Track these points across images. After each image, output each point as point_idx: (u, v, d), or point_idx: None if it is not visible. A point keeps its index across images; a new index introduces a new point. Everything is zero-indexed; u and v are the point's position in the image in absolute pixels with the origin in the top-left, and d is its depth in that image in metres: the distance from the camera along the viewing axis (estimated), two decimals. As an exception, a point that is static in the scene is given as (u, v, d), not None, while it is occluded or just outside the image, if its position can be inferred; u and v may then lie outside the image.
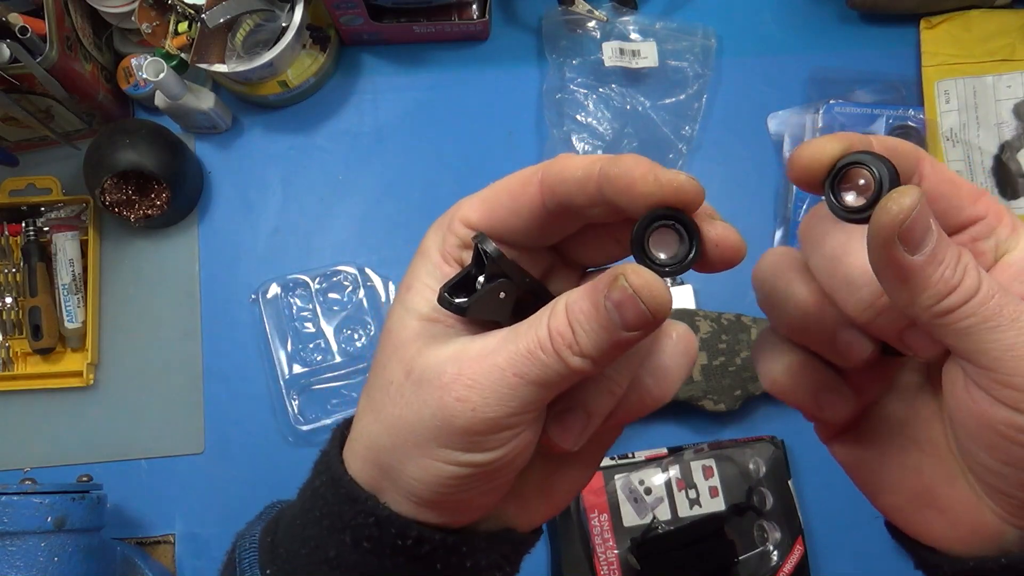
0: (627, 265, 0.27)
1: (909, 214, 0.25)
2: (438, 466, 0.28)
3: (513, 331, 0.28)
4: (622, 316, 0.26)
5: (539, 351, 0.27)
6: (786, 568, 0.75)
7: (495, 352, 0.27)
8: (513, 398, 0.27)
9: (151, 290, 0.87)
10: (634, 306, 0.26)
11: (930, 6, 0.87)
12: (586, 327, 0.27)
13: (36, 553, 0.68)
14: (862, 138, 0.27)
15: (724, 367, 0.78)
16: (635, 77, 0.88)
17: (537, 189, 0.29)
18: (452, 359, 0.28)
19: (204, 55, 0.81)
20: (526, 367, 0.27)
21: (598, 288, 0.27)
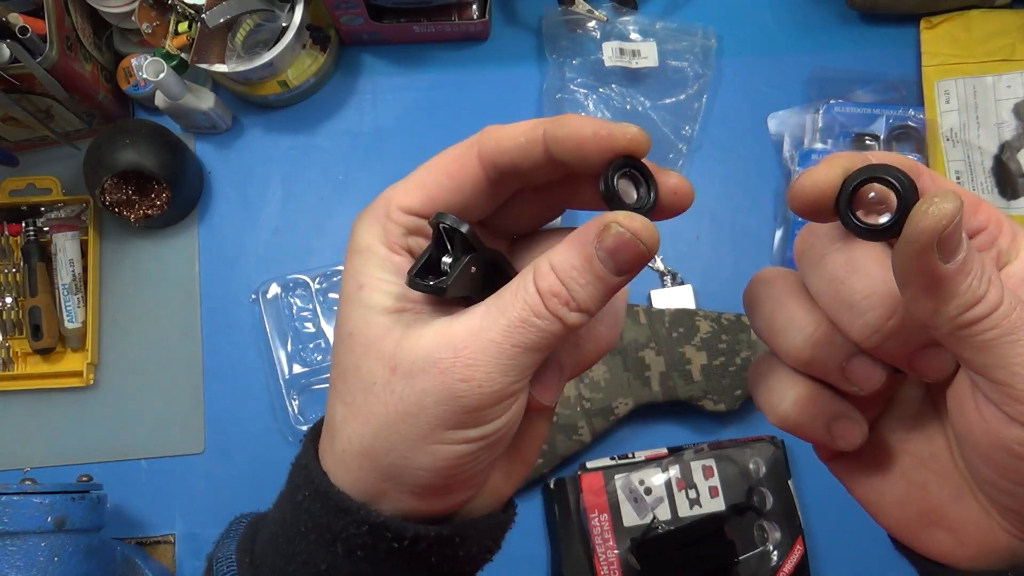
0: (609, 213, 0.27)
1: (952, 219, 0.24)
2: (447, 448, 0.28)
3: (497, 303, 0.28)
4: (616, 262, 0.27)
5: (533, 317, 0.27)
6: (786, 568, 0.75)
7: (486, 327, 0.28)
8: (514, 368, 0.27)
9: (151, 290, 0.87)
10: (632, 248, 0.27)
11: (930, 6, 0.87)
12: (580, 281, 0.27)
13: (36, 553, 0.68)
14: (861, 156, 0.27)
15: (724, 367, 0.78)
16: (635, 77, 0.88)
17: (476, 162, 0.30)
18: (442, 344, 0.28)
19: (204, 55, 0.81)
20: (522, 335, 0.27)
21: (585, 240, 0.27)
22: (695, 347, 0.78)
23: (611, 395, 0.78)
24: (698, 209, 0.87)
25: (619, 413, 0.79)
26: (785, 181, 0.86)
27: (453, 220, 0.29)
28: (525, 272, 0.28)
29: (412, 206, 0.31)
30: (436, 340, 0.28)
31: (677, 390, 0.78)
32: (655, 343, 0.79)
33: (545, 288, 0.27)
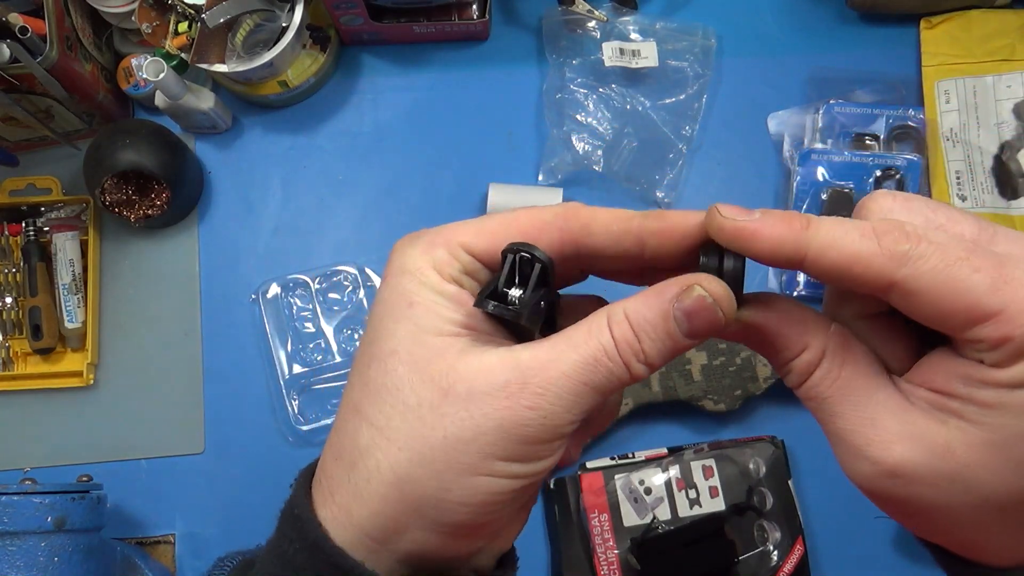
0: (694, 276, 0.28)
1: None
2: (492, 482, 0.27)
3: (567, 340, 0.28)
4: (690, 324, 0.28)
5: (605, 359, 0.27)
6: (786, 568, 0.75)
7: (557, 360, 0.27)
8: (577, 405, 0.27)
9: (151, 290, 0.87)
10: (709, 313, 0.28)
11: (930, 6, 0.87)
12: (652, 335, 0.28)
13: (36, 553, 0.68)
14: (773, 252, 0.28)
15: (724, 367, 0.78)
16: (635, 77, 0.88)
17: (558, 236, 0.30)
18: (508, 369, 0.27)
19: (204, 55, 0.81)
20: (593, 374, 0.27)
21: (664, 298, 0.28)
22: (695, 347, 0.78)
23: (611, 395, 0.78)
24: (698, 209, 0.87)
25: (619, 413, 0.79)
26: (785, 181, 0.86)
27: (540, 251, 0.29)
28: (598, 315, 0.28)
29: (476, 247, 0.30)
30: (502, 366, 0.27)
31: (677, 390, 0.78)
32: (655, 343, 0.78)
33: (619, 335, 0.27)
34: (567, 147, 0.86)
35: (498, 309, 0.28)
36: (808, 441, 0.82)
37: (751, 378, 0.78)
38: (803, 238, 0.27)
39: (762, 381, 0.78)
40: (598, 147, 0.86)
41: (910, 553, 0.81)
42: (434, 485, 0.27)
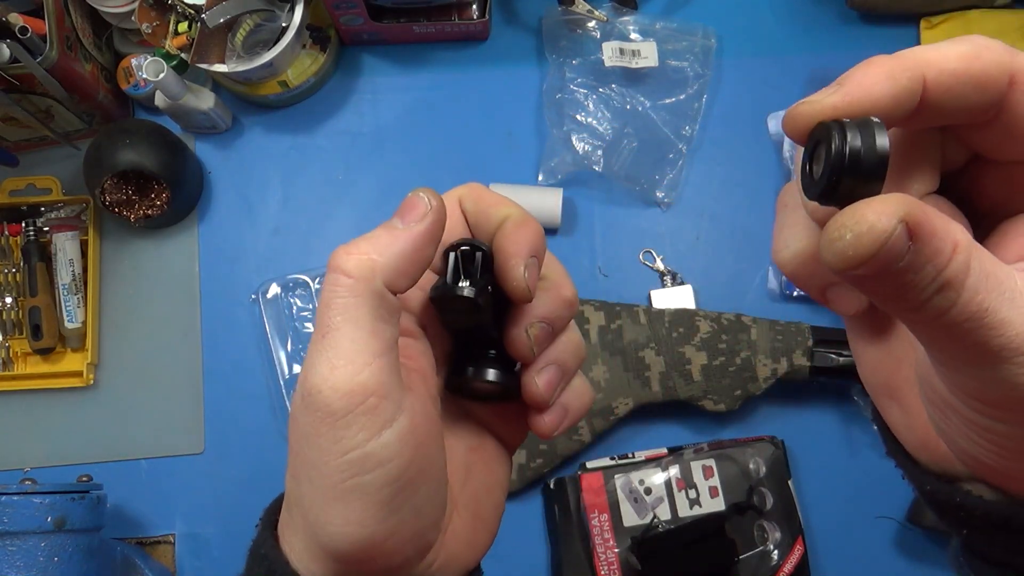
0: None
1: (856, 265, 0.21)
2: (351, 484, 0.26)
3: None
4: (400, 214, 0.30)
5: (326, 292, 0.27)
6: (786, 568, 0.75)
7: (312, 335, 0.28)
8: (337, 355, 0.26)
9: (151, 290, 0.87)
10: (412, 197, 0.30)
11: (930, 6, 0.87)
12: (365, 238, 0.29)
13: (36, 553, 0.68)
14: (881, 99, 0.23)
15: (724, 367, 0.78)
16: (635, 77, 0.88)
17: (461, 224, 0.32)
18: None
19: (204, 55, 0.81)
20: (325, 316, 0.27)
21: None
22: (695, 347, 0.78)
23: (611, 395, 0.78)
24: (698, 209, 0.87)
25: (619, 413, 0.79)
26: (785, 181, 0.86)
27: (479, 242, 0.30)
28: None
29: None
30: None
31: (677, 390, 0.78)
32: (655, 343, 0.79)
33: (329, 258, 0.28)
34: (567, 147, 0.86)
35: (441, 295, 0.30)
36: (808, 441, 0.82)
37: (751, 378, 0.78)
38: (914, 62, 0.24)
39: (762, 381, 0.78)
40: (598, 147, 0.86)
41: (910, 553, 0.81)
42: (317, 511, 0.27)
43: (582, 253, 0.86)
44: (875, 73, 0.24)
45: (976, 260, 0.22)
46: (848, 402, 0.81)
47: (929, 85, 0.24)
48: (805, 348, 0.77)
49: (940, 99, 0.24)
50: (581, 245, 0.87)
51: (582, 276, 0.86)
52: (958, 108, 0.24)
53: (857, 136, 0.22)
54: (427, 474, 0.28)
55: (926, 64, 0.24)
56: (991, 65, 0.23)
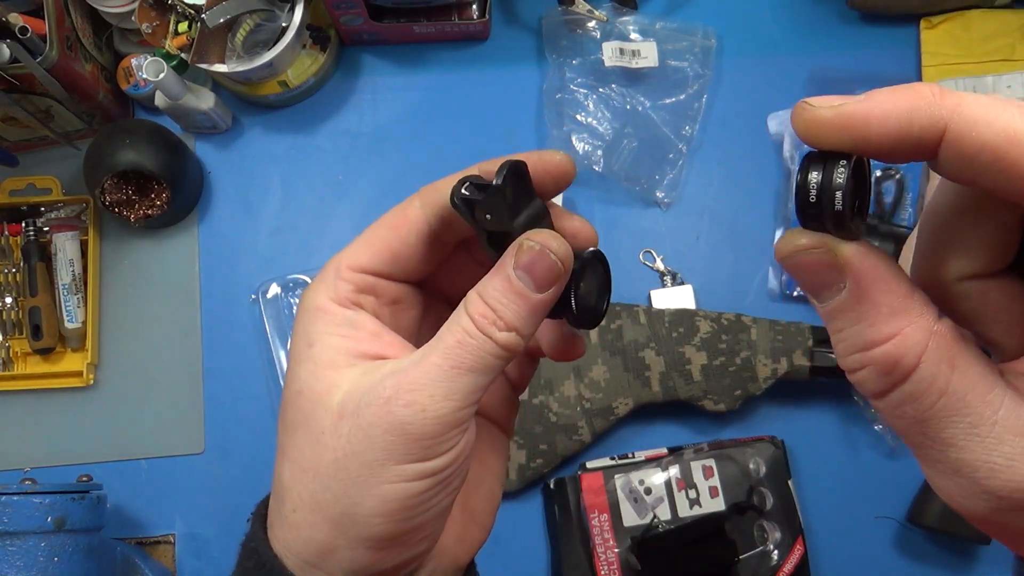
0: (524, 233, 0.29)
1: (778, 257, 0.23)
2: (397, 488, 0.28)
3: (436, 337, 0.29)
4: (532, 277, 0.28)
5: (468, 338, 0.28)
6: (786, 568, 0.75)
7: (427, 355, 0.28)
8: (456, 390, 0.28)
9: (151, 290, 0.87)
10: (545, 261, 0.28)
11: (930, 6, 0.87)
12: (503, 301, 0.28)
13: (36, 553, 0.68)
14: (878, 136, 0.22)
15: (724, 367, 0.78)
16: (635, 77, 0.88)
17: (418, 212, 0.31)
18: (387, 376, 0.28)
19: (204, 55, 0.81)
20: (460, 356, 0.28)
21: (504, 265, 0.29)
22: (695, 347, 0.78)
23: (611, 395, 0.78)
24: (698, 209, 0.87)
25: (619, 413, 0.79)
26: (785, 181, 0.86)
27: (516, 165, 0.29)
28: (463, 301, 0.29)
29: (361, 263, 0.32)
30: (381, 376, 0.29)
31: (677, 390, 0.78)
32: (655, 343, 0.79)
33: (474, 312, 0.28)
34: (567, 147, 0.86)
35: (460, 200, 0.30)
36: (808, 441, 0.82)
37: (751, 378, 0.78)
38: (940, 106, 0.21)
39: (762, 381, 0.78)
40: (598, 147, 0.86)
41: (910, 553, 0.81)
42: (345, 502, 0.28)
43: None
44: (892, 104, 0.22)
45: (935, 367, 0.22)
46: (848, 402, 0.81)
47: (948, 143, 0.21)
48: (805, 348, 0.77)
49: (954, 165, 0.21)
50: (581, 245, 0.86)
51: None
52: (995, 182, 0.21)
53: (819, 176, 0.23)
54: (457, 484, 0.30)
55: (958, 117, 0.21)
56: None
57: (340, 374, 0.30)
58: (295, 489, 0.30)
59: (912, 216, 0.82)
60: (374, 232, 0.32)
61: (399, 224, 0.32)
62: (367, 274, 0.32)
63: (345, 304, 0.31)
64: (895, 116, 0.21)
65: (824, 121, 0.22)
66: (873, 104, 0.21)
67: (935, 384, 0.22)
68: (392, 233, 0.32)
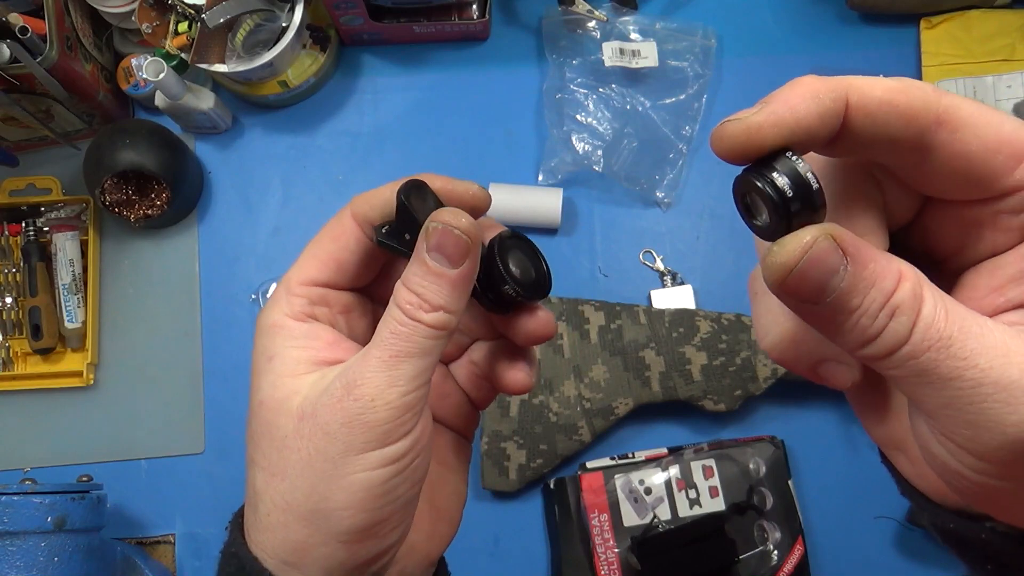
0: (425, 223, 0.30)
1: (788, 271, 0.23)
2: (362, 478, 0.29)
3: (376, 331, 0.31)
4: (444, 255, 0.30)
5: (400, 327, 0.30)
6: (786, 568, 0.75)
7: (368, 350, 0.30)
8: (399, 377, 0.29)
9: (151, 290, 0.87)
10: (450, 236, 0.29)
11: (930, 6, 0.87)
12: (424, 283, 0.30)
13: (36, 553, 0.68)
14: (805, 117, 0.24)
15: (724, 367, 0.78)
16: (635, 77, 0.88)
17: (351, 221, 0.33)
18: (337, 377, 0.30)
19: (204, 55, 0.81)
20: (396, 345, 0.30)
21: (418, 250, 0.30)
22: (695, 347, 0.78)
23: (611, 395, 0.78)
24: (698, 209, 0.87)
25: (619, 413, 0.79)
26: (785, 181, 0.86)
27: (412, 182, 0.32)
28: (391, 299, 0.31)
29: (309, 276, 0.33)
30: (332, 378, 0.30)
31: (677, 390, 0.78)
32: (655, 343, 0.79)
33: (401, 300, 0.30)
34: (567, 147, 0.86)
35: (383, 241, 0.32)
36: (808, 441, 0.82)
37: (751, 378, 0.78)
38: (839, 84, 0.25)
39: (762, 381, 0.77)
40: (598, 147, 0.86)
41: (910, 553, 0.81)
42: (315, 499, 0.30)
43: (582, 253, 0.86)
44: (800, 92, 0.25)
45: (931, 294, 0.23)
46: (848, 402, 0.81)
47: (852, 109, 0.25)
48: (805, 348, 0.77)
49: (863, 126, 0.25)
50: (581, 245, 0.87)
51: (582, 276, 0.86)
52: (882, 139, 0.25)
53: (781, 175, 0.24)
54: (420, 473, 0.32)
55: (851, 88, 0.25)
56: (917, 101, 0.24)
57: (299, 381, 0.31)
58: (267, 494, 0.31)
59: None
60: (316, 246, 0.34)
61: (338, 235, 0.33)
62: (316, 286, 0.33)
63: (300, 318, 0.33)
64: (809, 97, 0.25)
65: (758, 125, 0.24)
66: (786, 95, 0.25)
67: (939, 303, 0.23)
68: (334, 244, 0.33)
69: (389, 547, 0.32)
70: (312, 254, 0.34)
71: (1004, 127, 0.24)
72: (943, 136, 0.24)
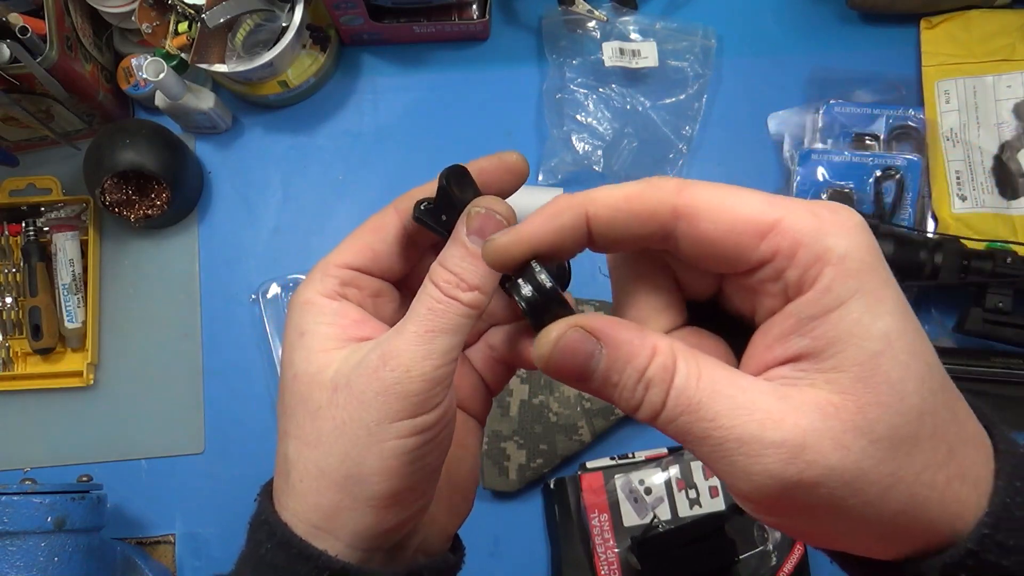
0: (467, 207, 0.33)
1: (544, 364, 0.28)
2: (395, 445, 0.31)
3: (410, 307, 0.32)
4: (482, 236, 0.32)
5: (437, 304, 0.31)
6: (786, 568, 0.75)
7: (404, 325, 0.32)
8: (433, 351, 0.31)
9: (151, 290, 0.87)
10: (490, 220, 0.32)
11: (930, 6, 0.87)
12: (462, 264, 0.32)
13: (36, 553, 0.68)
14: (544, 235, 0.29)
15: (724, 367, 0.78)
16: (635, 77, 0.88)
17: (395, 216, 0.36)
18: (372, 350, 0.32)
19: (204, 55, 0.81)
20: (432, 321, 0.31)
21: (457, 233, 0.32)
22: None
23: (611, 395, 0.78)
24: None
25: (619, 413, 0.79)
26: (785, 181, 0.86)
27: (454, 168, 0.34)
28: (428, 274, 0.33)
29: (345, 260, 0.35)
30: (367, 350, 0.32)
31: (677, 390, 0.78)
32: (655, 343, 0.79)
33: (438, 279, 0.32)
34: (567, 147, 0.86)
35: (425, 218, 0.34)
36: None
37: (751, 378, 0.78)
38: (580, 200, 0.29)
39: (762, 381, 0.78)
40: (598, 147, 0.86)
41: (910, 553, 0.81)
42: (348, 464, 0.31)
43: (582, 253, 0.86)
44: (544, 214, 0.30)
45: (685, 363, 0.27)
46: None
47: (592, 219, 0.29)
48: (805, 348, 0.77)
49: (604, 230, 0.29)
50: (581, 245, 0.87)
51: (582, 276, 0.86)
52: (628, 237, 0.29)
53: (526, 284, 0.30)
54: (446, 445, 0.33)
55: (590, 201, 0.29)
56: (651, 201, 0.28)
57: (330, 355, 0.33)
58: (300, 462, 0.33)
59: (911, 216, 0.82)
60: (357, 235, 0.36)
61: (378, 227, 0.36)
62: (351, 270, 0.35)
63: (332, 296, 0.34)
64: (549, 217, 0.29)
65: (504, 245, 0.30)
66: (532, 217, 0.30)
67: (691, 371, 0.27)
68: (372, 235, 0.36)
69: (412, 515, 0.33)
70: (351, 241, 0.36)
71: (741, 209, 0.27)
72: (683, 227, 0.28)
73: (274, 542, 0.32)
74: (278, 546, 0.32)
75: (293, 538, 0.32)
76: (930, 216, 0.84)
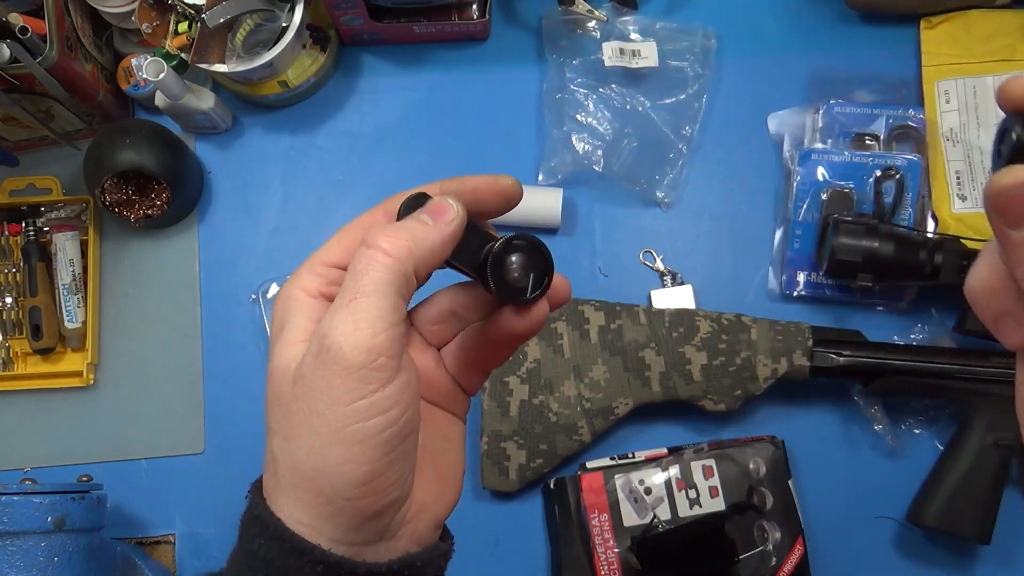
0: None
1: (1004, 191, 0.27)
2: (355, 429, 0.30)
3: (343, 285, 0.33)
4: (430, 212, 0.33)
5: (357, 265, 0.31)
6: (786, 568, 0.75)
7: (338, 299, 0.31)
8: (362, 319, 0.30)
9: (151, 290, 0.87)
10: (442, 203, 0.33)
11: (930, 6, 0.87)
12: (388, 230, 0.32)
13: (36, 553, 0.68)
14: None
15: (724, 367, 0.78)
16: (635, 77, 0.88)
17: (382, 215, 0.36)
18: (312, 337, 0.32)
19: (204, 55, 0.81)
20: (354, 286, 0.31)
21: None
22: (695, 347, 0.78)
23: (611, 395, 0.78)
24: (698, 209, 0.87)
25: (619, 413, 0.79)
26: (785, 181, 0.86)
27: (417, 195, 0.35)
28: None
29: (332, 259, 0.35)
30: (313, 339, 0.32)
31: (677, 390, 0.78)
32: (655, 343, 0.79)
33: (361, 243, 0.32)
34: (567, 147, 0.86)
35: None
36: (808, 441, 0.81)
37: (751, 378, 0.78)
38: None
39: (762, 381, 0.77)
40: (598, 147, 0.86)
41: (910, 553, 0.81)
42: (315, 457, 0.31)
43: (582, 253, 0.86)
44: None
45: None
46: (848, 402, 0.81)
47: None
48: (805, 348, 0.77)
49: None
50: (581, 245, 0.87)
51: (582, 276, 0.86)
52: None
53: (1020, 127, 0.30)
54: (413, 424, 0.33)
55: None
56: None
57: (297, 348, 0.33)
58: (281, 457, 0.33)
59: (912, 216, 0.82)
60: (344, 233, 0.36)
61: (367, 226, 0.36)
62: (336, 268, 0.35)
63: (314, 294, 0.35)
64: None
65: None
66: None
67: None
68: (359, 234, 0.35)
69: (391, 503, 0.33)
70: (338, 240, 0.36)
71: None
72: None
73: (267, 537, 0.32)
74: (271, 541, 0.32)
75: (286, 532, 0.32)
76: (930, 216, 0.84)
